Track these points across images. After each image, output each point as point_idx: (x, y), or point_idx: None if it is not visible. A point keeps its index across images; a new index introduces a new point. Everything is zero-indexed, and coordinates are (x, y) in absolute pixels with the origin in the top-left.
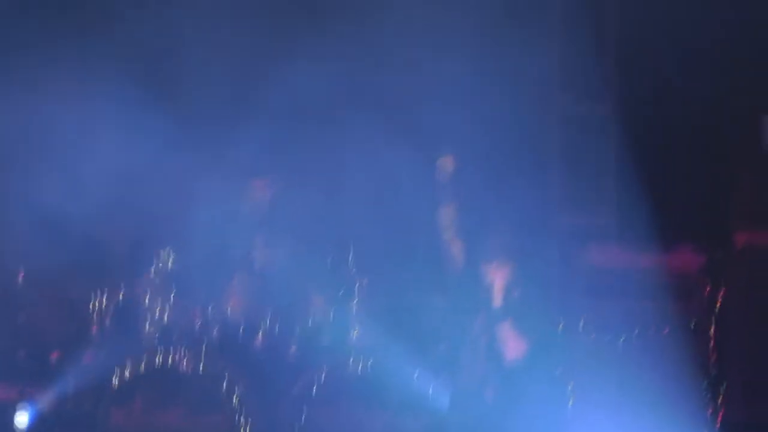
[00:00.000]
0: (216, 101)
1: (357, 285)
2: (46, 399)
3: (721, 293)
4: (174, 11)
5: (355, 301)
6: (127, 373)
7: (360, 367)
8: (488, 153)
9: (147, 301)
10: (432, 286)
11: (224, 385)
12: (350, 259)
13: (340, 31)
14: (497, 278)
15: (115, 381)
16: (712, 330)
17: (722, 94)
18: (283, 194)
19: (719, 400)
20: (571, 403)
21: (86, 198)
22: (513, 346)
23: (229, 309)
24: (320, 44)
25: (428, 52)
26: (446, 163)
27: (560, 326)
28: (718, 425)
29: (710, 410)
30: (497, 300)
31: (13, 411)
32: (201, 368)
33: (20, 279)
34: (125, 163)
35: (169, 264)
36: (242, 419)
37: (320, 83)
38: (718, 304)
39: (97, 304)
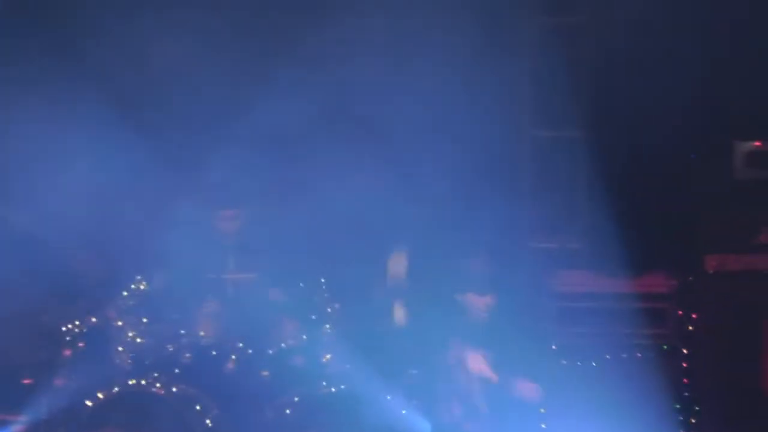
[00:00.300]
0: (190, 127)
1: (329, 310)
2: (19, 424)
3: (693, 317)
4: (149, 37)
5: (327, 326)
6: (99, 398)
7: (332, 391)
8: (460, 177)
9: (119, 325)
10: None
11: (197, 408)
12: (323, 283)
13: (314, 57)
14: (474, 306)
15: (88, 406)
16: (683, 353)
17: (694, 121)
18: (257, 219)
19: (691, 423)
20: (543, 427)
21: (59, 223)
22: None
23: (201, 333)
24: (295, 69)
25: (402, 78)
26: (398, 262)
27: (532, 351)
28: None
29: None
30: (473, 327)
31: None
32: (173, 392)
33: None
34: (98, 187)
35: (142, 288)
36: None
37: (294, 109)
38: (690, 328)
39: (69, 329)
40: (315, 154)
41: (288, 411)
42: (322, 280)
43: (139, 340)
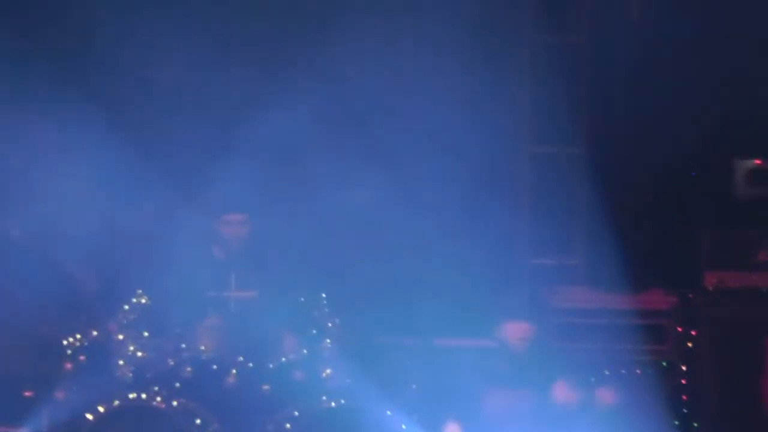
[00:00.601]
0: (192, 141)
1: (330, 324)
2: None
3: (692, 334)
4: (151, 51)
5: (327, 341)
6: (100, 411)
7: (332, 406)
8: (460, 193)
9: (120, 339)
10: (404, 325)
11: (197, 422)
12: (323, 298)
13: (317, 70)
14: (512, 337)
15: (89, 419)
16: (683, 370)
17: (694, 138)
18: (258, 233)
19: None
20: None
21: (61, 236)
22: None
23: (202, 347)
24: (299, 82)
25: (404, 94)
26: None
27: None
28: None
29: None
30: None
31: None
32: (174, 406)
33: None
34: (99, 201)
35: (143, 302)
36: None
37: (297, 123)
38: (689, 345)
39: (70, 342)
40: (318, 168)
41: (288, 425)
42: (323, 295)
43: (139, 353)
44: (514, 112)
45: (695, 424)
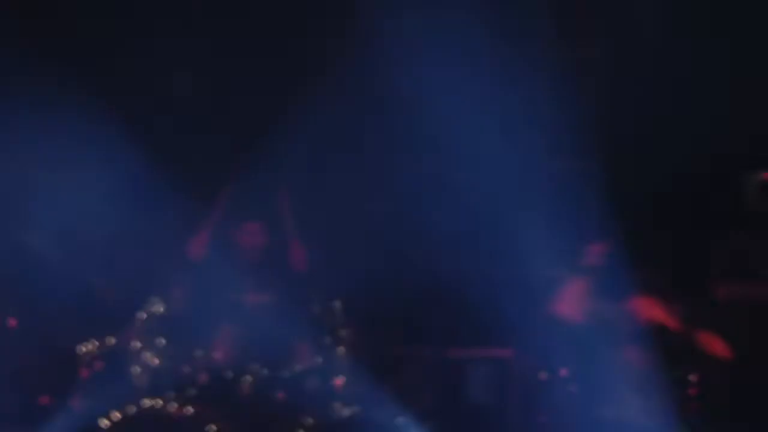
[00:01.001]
0: (208, 150)
1: (344, 332)
2: None
3: (702, 345)
4: (165, 63)
5: (342, 349)
6: (115, 418)
7: (346, 414)
8: (475, 205)
9: (137, 346)
10: (418, 335)
11: (212, 429)
12: (338, 306)
13: (333, 82)
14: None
15: (105, 427)
16: (693, 380)
17: (705, 151)
18: (273, 241)
19: None
20: None
21: (78, 244)
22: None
23: (217, 355)
24: (314, 95)
25: (417, 106)
26: None
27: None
28: None
29: None
30: None
31: None
32: (189, 413)
33: (12, 325)
34: (116, 209)
35: (160, 310)
36: None
37: (314, 136)
38: (699, 356)
39: (87, 350)
40: (333, 178)
41: None
42: (338, 303)
43: (155, 361)
44: (529, 130)
45: None
